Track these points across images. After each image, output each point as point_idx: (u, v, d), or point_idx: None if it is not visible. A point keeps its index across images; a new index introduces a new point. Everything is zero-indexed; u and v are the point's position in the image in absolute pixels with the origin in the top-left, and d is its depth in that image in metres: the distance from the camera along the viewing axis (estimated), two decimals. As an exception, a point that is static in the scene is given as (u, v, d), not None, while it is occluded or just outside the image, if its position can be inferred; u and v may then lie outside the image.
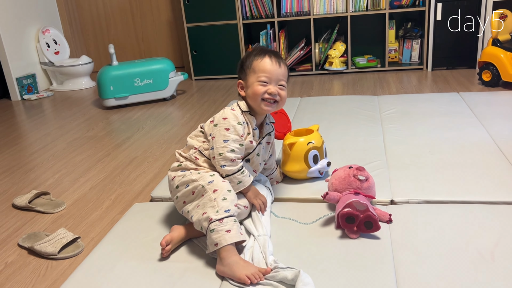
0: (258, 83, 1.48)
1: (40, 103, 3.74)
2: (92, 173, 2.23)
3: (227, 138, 1.44)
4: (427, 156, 1.93)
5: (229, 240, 1.26)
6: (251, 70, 1.51)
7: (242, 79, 1.55)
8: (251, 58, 1.52)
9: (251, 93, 1.49)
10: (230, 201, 1.35)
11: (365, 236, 1.39)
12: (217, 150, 1.45)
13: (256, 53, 1.52)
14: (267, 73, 1.48)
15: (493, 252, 1.28)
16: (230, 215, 1.31)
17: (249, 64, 1.52)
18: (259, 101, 1.49)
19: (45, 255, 1.55)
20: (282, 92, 1.51)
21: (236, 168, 1.45)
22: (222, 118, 1.47)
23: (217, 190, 1.37)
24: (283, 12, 3.81)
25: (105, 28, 4.65)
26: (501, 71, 2.92)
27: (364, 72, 3.81)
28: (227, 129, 1.45)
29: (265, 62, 1.49)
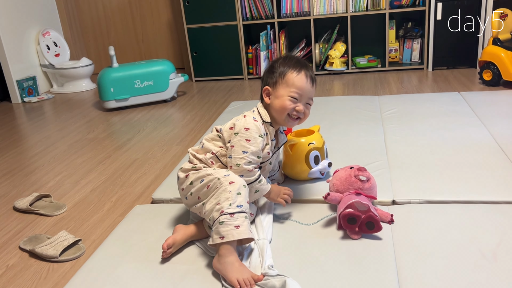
0: (289, 98, 1.46)
1: (40, 105, 3.74)
2: (93, 175, 2.23)
3: (247, 149, 1.41)
4: (428, 156, 1.93)
5: (237, 236, 1.26)
6: (284, 82, 1.47)
7: (270, 86, 1.50)
8: (286, 68, 1.47)
9: (279, 106, 1.47)
10: (244, 196, 1.33)
11: (367, 237, 1.39)
12: (235, 160, 1.41)
13: (293, 65, 1.48)
14: (300, 90, 1.46)
15: (496, 252, 1.27)
16: (242, 211, 1.30)
17: (283, 74, 1.47)
18: (284, 115, 1.48)
19: (46, 258, 1.54)
20: (307, 110, 1.51)
21: (253, 178, 1.43)
22: (244, 128, 1.43)
23: (234, 182, 1.34)
24: (283, 13, 3.81)
25: (105, 30, 4.66)
26: (502, 70, 2.92)
27: (365, 72, 3.81)
28: (248, 140, 1.42)
29: (301, 79, 1.46)
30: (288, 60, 1.49)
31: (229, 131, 1.47)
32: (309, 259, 1.32)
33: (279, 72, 1.48)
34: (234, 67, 3.97)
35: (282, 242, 1.41)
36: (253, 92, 3.55)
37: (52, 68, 4.08)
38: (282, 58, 1.51)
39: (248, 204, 1.34)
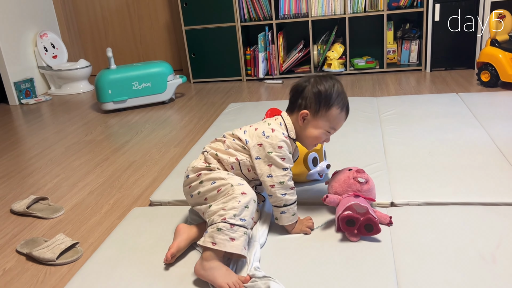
0: (325, 131, 1.46)
1: (38, 107, 3.73)
2: (90, 177, 2.22)
3: (285, 166, 1.40)
4: (427, 157, 1.93)
5: (229, 248, 1.23)
6: (326, 115, 1.43)
7: (310, 113, 1.44)
8: (333, 102, 1.43)
9: (313, 136, 1.45)
10: (250, 212, 1.30)
11: (365, 239, 1.38)
12: (277, 178, 1.39)
13: (341, 100, 1.44)
14: (337, 127, 1.48)
15: (495, 254, 1.27)
16: (243, 225, 1.26)
17: (327, 107, 1.43)
18: (312, 144, 1.49)
19: (44, 261, 1.53)
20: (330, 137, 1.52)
21: (295, 198, 1.43)
22: (278, 146, 1.39)
23: (246, 194, 1.31)
24: (281, 14, 3.81)
25: (103, 31, 4.65)
26: (500, 71, 2.92)
27: (363, 74, 3.81)
28: (283, 158, 1.40)
29: (342, 117, 1.47)
30: (337, 90, 1.45)
31: (258, 148, 1.42)
32: (307, 261, 1.31)
33: (324, 103, 1.43)
34: (232, 69, 3.97)
35: (281, 245, 1.41)
36: (251, 93, 3.55)
37: (49, 70, 4.07)
38: (329, 86, 1.44)
39: (252, 220, 1.31)
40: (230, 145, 1.46)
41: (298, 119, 1.45)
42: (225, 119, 2.73)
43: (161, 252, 1.43)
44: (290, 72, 3.96)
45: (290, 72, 3.96)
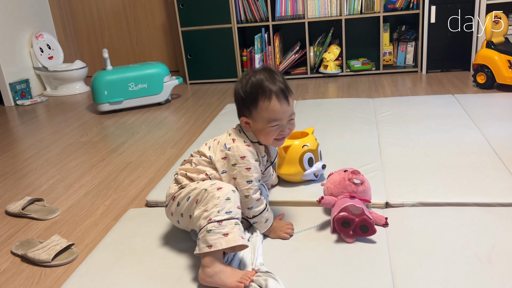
0: (270, 126, 1.35)
1: (33, 108, 3.72)
2: (86, 178, 2.22)
3: (250, 178, 1.36)
4: (422, 158, 1.93)
5: (225, 245, 1.21)
6: (258, 114, 1.34)
7: (247, 117, 1.37)
8: (255, 96, 1.33)
9: (263, 137, 1.38)
10: (234, 202, 1.27)
11: (361, 240, 1.38)
12: (242, 192, 1.36)
13: (261, 90, 1.32)
14: (278, 117, 1.34)
15: (490, 255, 1.27)
16: (231, 217, 1.24)
17: (254, 105, 1.34)
18: (271, 141, 1.39)
19: (39, 263, 1.53)
20: (292, 126, 1.40)
21: (262, 206, 1.41)
22: (240, 157, 1.35)
23: (222, 188, 1.28)
24: (278, 16, 3.81)
25: (99, 32, 4.64)
26: (496, 73, 2.93)
27: (359, 75, 3.82)
28: (248, 168, 1.35)
29: (275, 106, 1.32)
30: (254, 84, 1.33)
31: (222, 161, 1.39)
32: (303, 262, 1.31)
33: (249, 102, 1.34)
34: (229, 70, 3.97)
35: (276, 246, 1.41)
36: (247, 94, 3.54)
37: (45, 71, 4.06)
38: (245, 82, 1.35)
39: (239, 209, 1.29)
40: (198, 162, 1.44)
41: (245, 128, 1.40)
42: (222, 120, 2.73)
43: (157, 253, 1.43)
44: (286, 73, 3.97)
45: (286, 74, 3.96)
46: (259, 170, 1.40)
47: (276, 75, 1.36)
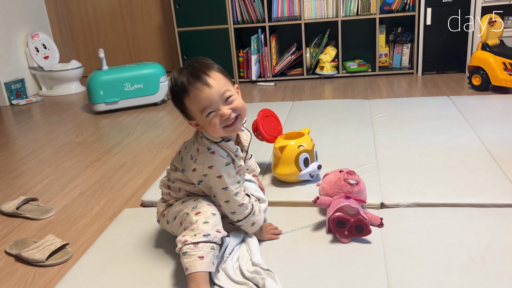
0: (207, 117, 1.24)
1: (29, 108, 3.71)
2: (81, 178, 2.21)
3: (225, 185, 1.30)
4: (417, 159, 1.94)
5: (199, 268, 1.17)
6: (191, 112, 1.26)
7: (191, 119, 1.30)
8: (178, 97, 1.26)
9: (210, 130, 1.27)
10: (213, 225, 1.24)
11: (356, 240, 1.38)
12: (221, 199, 1.33)
13: (179, 89, 1.24)
14: (205, 104, 1.22)
15: (484, 255, 1.28)
16: (208, 240, 1.21)
17: (183, 106, 1.26)
18: (222, 131, 1.26)
19: (33, 262, 1.52)
20: (235, 104, 1.26)
21: (247, 211, 1.36)
22: (208, 167, 1.29)
23: (200, 212, 1.27)
24: (274, 17, 3.82)
25: (95, 32, 4.63)
26: (491, 75, 2.95)
27: (355, 77, 3.83)
28: (219, 176, 1.29)
29: (194, 95, 1.22)
30: (171, 88, 1.27)
31: (193, 173, 1.32)
32: (298, 263, 1.31)
33: (180, 105, 1.27)
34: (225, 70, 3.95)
35: (272, 246, 1.41)
36: (243, 95, 3.54)
37: (41, 71, 4.05)
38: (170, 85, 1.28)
39: (219, 233, 1.25)
40: (174, 179, 1.39)
41: (200, 130, 1.32)
42: (217, 121, 2.72)
43: (152, 253, 1.43)
44: (282, 74, 3.97)
45: (282, 75, 3.97)
46: (232, 174, 1.31)
47: (193, 65, 1.26)
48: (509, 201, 1.55)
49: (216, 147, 1.30)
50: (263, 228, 1.45)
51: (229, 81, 1.30)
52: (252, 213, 1.37)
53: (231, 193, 1.31)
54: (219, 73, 1.27)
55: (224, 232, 1.28)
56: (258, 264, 1.26)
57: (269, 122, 1.86)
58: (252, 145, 2.14)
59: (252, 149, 2.12)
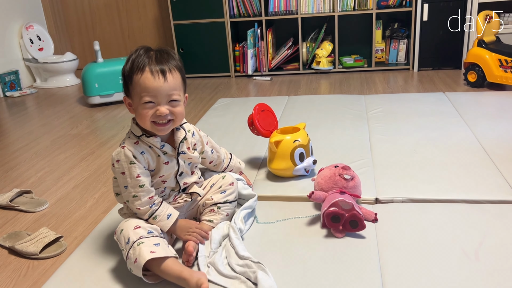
0: (143, 105, 1.22)
1: (23, 100, 3.68)
2: (75, 171, 2.20)
3: (126, 183, 1.28)
4: (413, 155, 1.94)
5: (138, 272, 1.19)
6: (133, 88, 1.23)
7: (128, 96, 1.28)
8: (131, 70, 1.23)
9: (139, 116, 1.25)
10: (127, 228, 1.26)
11: (350, 235, 1.39)
12: (124, 197, 1.31)
13: (136, 61, 1.23)
14: (150, 92, 1.21)
15: (478, 251, 1.28)
16: (131, 243, 1.21)
17: (130, 79, 1.24)
18: (149, 124, 1.24)
19: (26, 255, 1.52)
20: (176, 109, 1.25)
21: (146, 215, 1.30)
22: (116, 161, 1.27)
23: (117, 231, 1.29)
24: (271, 11, 3.80)
25: (90, 24, 4.60)
26: (486, 72, 2.95)
27: (351, 72, 3.83)
28: (123, 173, 1.27)
29: (146, 79, 1.20)
30: (134, 58, 1.24)
31: (112, 168, 1.31)
32: (293, 257, 1.31)
33: (128, 77, 1.24)
34: (221, 65, 3.95)
35: (266, 239, 1.41)
36: (239, 89, 3.54)
37: (35, 63, 4.02)
38: (128, 59, 1.26)
39: (137, 229, 1.25)
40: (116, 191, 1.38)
41: (129, 110, 1.30)
42: (214, 115, 2.72)
43: (146, 247, 1.42)
44: (279, 69, 3.96)
45: (279, 69, 3.96)
46: (133, 175, 1.26)
47: (162, 52, 1.26)
48: (502, 197, 1.56)
49: (134, 142, 1.28)
50: (182, 227, 1.36)
51: (184, 87, 1.30)
52: (152, 217, 1.30)
53: (130, 194, 1.28)
54: (180, 75, 1.27)
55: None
56: (248, 257, 1.26)
57: (265, 117, 1.86)
58: (248, 140, 2.16)
59: (248, 144, 2.13)
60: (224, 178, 1.48)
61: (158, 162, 1.32)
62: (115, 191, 1.39)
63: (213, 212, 1.44)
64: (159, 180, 1.35)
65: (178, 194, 1.42)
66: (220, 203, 1.44)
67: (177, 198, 1.42)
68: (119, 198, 1.38)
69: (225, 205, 1.45)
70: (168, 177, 1.36)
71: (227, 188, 1.46)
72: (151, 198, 1.31)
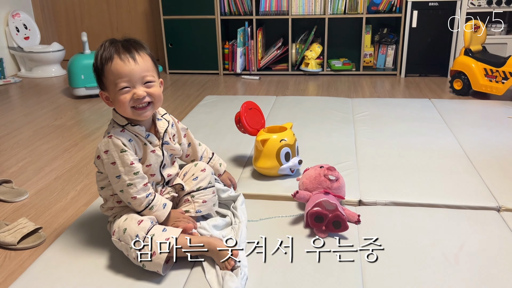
0: (119, 92, 1.23)
1: (6, 89, 3.62)
2: (58, 162, 2.17)
3: (118, 173, 1.26)
4: (397, 158, 1.96)
5: (159, 265, 1.20)
6: (106, 79, 1.25)
7: (103, 90, 1.29)
8: (101, 63, 1.24)
9: (118, 105, 1.26)
10: (130, 224, 1.25)
11: (333, 236, 1.39)
12: (116, 188, 1.29)
13: (104, 54, 1.24)
14: (124, 77, 1.22)
15: (458, 255, 1.30)
16: (143, 238, 1.21)
17: (101, 72, 1.25)
18: (129, 110, 1.25)
19: (4, 245, 1.49)
20: (152, 90, 1.26)
21: (142, 206, 1.29)
22: (104, 152, 1.26)
23: (116, 231, 1.27)
24: (262, 11, 3.80)
25: (78, 15, 4.54)
26: (472, 80, 2.99)
27: (339, 75, 3.84)
28: (113, 163, 1.26)
29: (117, 65, 1.22)
30: (101, 52, 1.25)
31: (97, 161, 1.31)
32: (274, 256, 1.31)
33: (99, 71, 1.26)
34: (210, 62, 3.94)
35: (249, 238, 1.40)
36: (227, 87, 3.53)
37: (20, 51, 3.95)
38: (96, 53, 1.27)
39: (141, 225, 1.24)
40: (99, 186, 1.37)
41: (107, 104, 1.30)
42: (201, 111, 2.70)
43: (127, 241, 1.40)
44: (267, 69, 3.96)
45: (267, 69, 3.96)
46: (126, 162, 1.26)
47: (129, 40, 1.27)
48: (483, 203, 1.58)
49: (120, 131, 1.28)
50: (171, 217, 1.36)
51: (156, 70, 1.30)
52: (149, 208, 1.30)
53: (124, 183, 1.27)
54: (149, 58, 1.28)
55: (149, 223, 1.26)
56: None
57: (252, 115, 1.85)
58: (234, 138, 2.15)
59: (234, 142, 2.12)
60: (196, 166, 1.48)
61: (145, 151, 1.32)
62: (99, 185, 1.37)
63: (187, 202, 1.43)
64: (147, 173, 1.34)
65: (163, 188, 1.41)
66: (194, 191, 1.43)
67: (163, 192, 1.41)
68: (105, 192, 1.36)
69: (199, 192, 1.43)
70: (155, 168, 1.35)
71: (198, 175, 1.45)
72: (146, 185, 1.30)
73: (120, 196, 1.31)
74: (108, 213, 1.38)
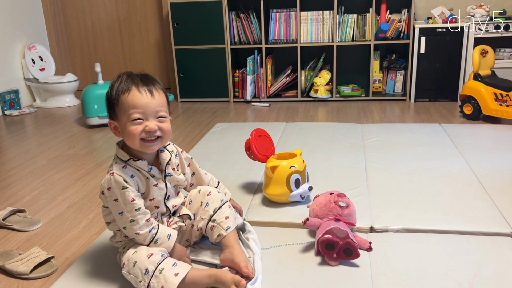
0: (132, 122, 1.25)
1: (21, 119, 3.69)
2: (70, 191, 2.19)
3: (121, 210, 1.27)
4: (408, 184, 1.95)
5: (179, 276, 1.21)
6: (120, 108, 1.27)
7: (114, 119, 1.31)
8: (117, 93, 1.27)
9: (127, 136, 1.27)
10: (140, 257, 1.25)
11: (344, 264, 1.38)
12: (120, 224, 1.30)
13: (121, 85, 1.28)
14: (139, 108, 1.25)
15: (472, 283, 1.27)
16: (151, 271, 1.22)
17: (116, 101, 1.27)
18: (138, 142, 1.26)
19: (17, 275, 1.50)
20: (164, 125, 1.29)
21: (147, 241, 1.30)
22: (107, 189, 1.27)
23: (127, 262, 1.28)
24: (271, 39, 3.87)
25: (92, 47, 4.66)
26: (482, 105, 2.99)
27: (349, 101, 3.87)
28: (116, 200, 1.27)
29: (134, 96, 1.25)
30: (118, 83, 1.29)
31: (102, 196, 1.32)
32: (286, 284, 1.30)
33: (113, 101, 1.28)
34: (220, 90, 3.99)
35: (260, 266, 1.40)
36: (238, 114, 3.56)
37: (36, 82, 4.05)
38: (111, 85, 1.31)
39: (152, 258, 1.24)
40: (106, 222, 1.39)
41: (115, 134, 1.32)
42: (211, 138, 2.73)
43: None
44: (277, 96, 4.00)
45: (277, 96, 4.00)
46: (128, 199, 1.26)
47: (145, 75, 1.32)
48: (497, 229, 1.56)
49: (122, 167, 1.29)
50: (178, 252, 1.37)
51: (168, 107, 1.34)
52: (153, 242, 1.31)
53: (127, 220, 1.27)
54: (164, 94, 1.32)
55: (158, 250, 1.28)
56: None
57: (262, 142, 1.87)
58: (244, 165, 2.16)
59: (244, 169, 2.13)
60: (200, 192, 1.48)
61: (148, 185, 1.33)
62: (106, 220, 1.38)
63: (213, 228, 1.42)
64: (152, 206, 1.35)
65: (169, 219, 1.42)
66: (212, 215, 1.43)
67: (170, 223, 1.41)
68: (111, 227, 1.37)
69: (217, 214, 1.43)
70: (159, 201, 1.36)
71: (207, 200, 1.45)
72: (149, 220, 1.30)
73: (124, 232, 1.32)
74: (117, 244, 1.39)
